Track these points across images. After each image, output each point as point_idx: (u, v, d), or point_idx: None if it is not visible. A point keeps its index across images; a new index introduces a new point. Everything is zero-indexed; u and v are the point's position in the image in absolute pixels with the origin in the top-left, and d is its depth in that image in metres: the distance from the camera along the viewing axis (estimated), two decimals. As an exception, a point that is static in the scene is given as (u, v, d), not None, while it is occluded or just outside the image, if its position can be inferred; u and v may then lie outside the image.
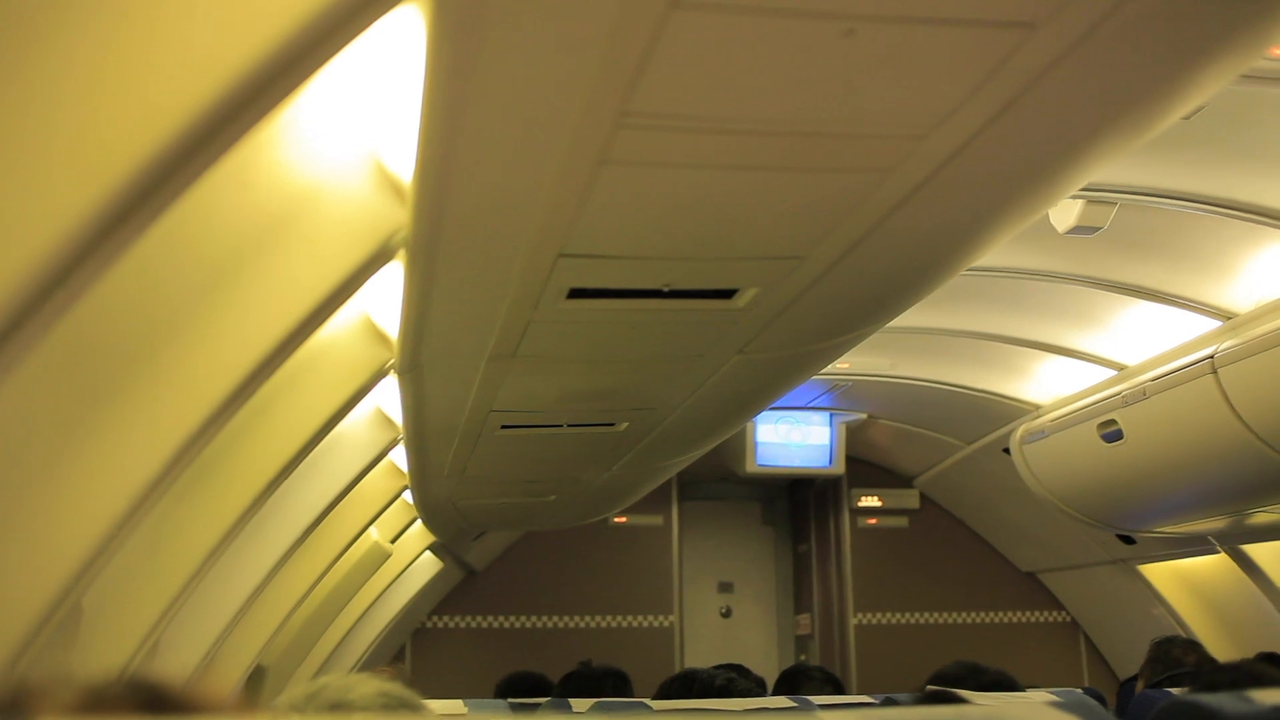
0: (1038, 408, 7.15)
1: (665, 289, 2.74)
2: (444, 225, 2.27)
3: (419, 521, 6.41)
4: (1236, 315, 5.52)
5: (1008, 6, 1.63)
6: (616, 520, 9.30)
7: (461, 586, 9.30)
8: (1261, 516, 6.19)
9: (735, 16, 1.62)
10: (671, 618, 9.70)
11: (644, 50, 1.67)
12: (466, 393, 3.63)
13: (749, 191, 2.23)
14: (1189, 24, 1.74)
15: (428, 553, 7.52)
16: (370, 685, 1.63)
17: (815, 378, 7.34)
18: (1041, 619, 9.73)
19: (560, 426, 4.28)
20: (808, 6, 1.60)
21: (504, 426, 4.18)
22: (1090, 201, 4.59)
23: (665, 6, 1.57)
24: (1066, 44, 1.71)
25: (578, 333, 3.14)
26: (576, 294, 2.75)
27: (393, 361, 3.35)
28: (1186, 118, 3.98)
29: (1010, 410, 7.34)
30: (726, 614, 10.43)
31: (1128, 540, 7.72)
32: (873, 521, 9.80)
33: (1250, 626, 7.26)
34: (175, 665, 3.75)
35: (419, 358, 3.22)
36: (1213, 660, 4.66)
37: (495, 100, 1.80)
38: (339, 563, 5.12)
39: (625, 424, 4.30)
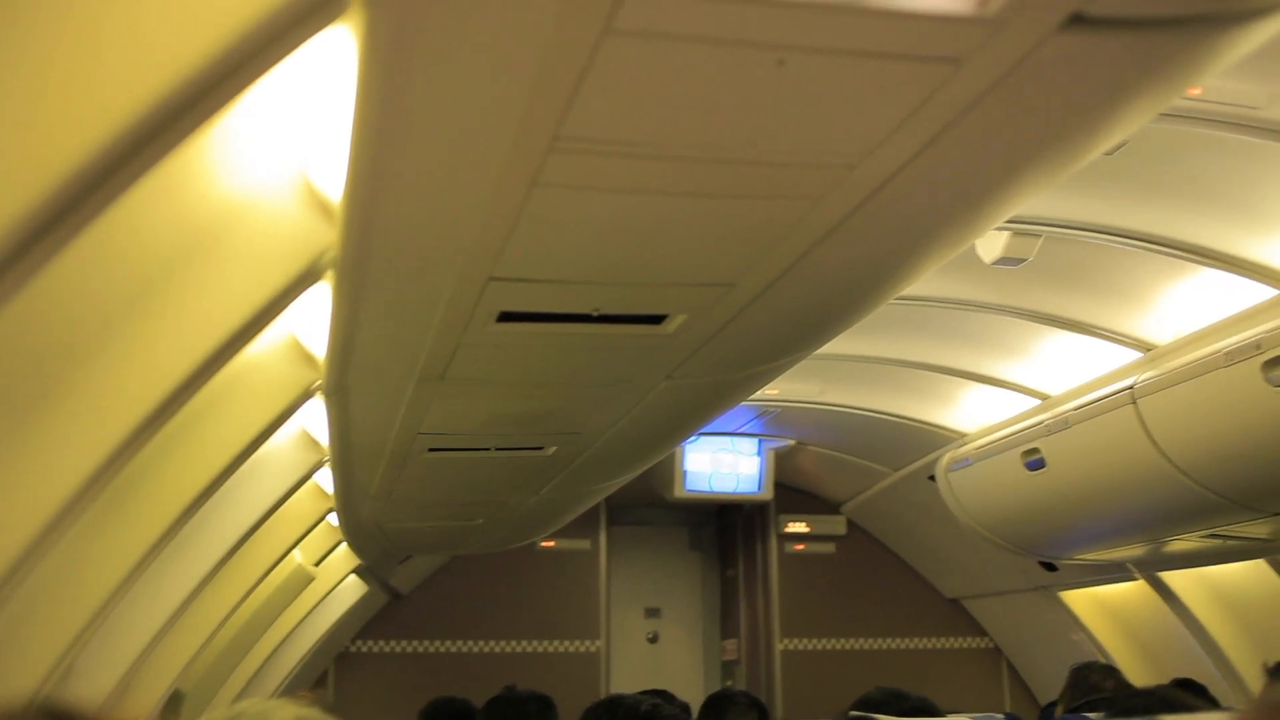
0: (963, 436, 7.24)
1: (595, 314, 2.74)
2: (373, 246, 2.26)
3: (344, 544, 6.34)
4: (1156, 347, 5.64)
5: (934, 42, 1.65)
6: (544, 544, 9.25)
7: (387, 610, 9.20)
8: (1178, 544, 6.31)
9: (668, 44, 1.63)
10: (598, 643, 9.67)
11: (578, 75, 1.68)
12: (394, 415, 3.60)
13: (680, 217, 2.24)
14: (1111, 63, 1.78)
15: (352, 576, 7.43)
16: (288, 711, 1.60)
17: (744, 404, 7.38)
18: (965, 645, 9.83)
19: (488, 450, 4.26)
20: (740, 36, 1.62)
21: (431, 449, 4.15)
22: (1016, 233, 4.67)
23: (599, 32, 1.58)
24: (991, 80, 1.74)
25: (507, 356, 3.13)
26: (506, 317, 2.74)
27: (319, 382, 3.32)
28: (1109, 153, 4.07)
29: (936, 438, 7.43)
30: (653, 639, 10.41)
31: (1049, 567, 7.83)
32: (800, 547, 9.85)
33: (1167, 652, 7.39)
34: (90, 690, 3.67)
35: (346, 379, 3.19)
36: (1129, 686, 4.74)
37: (427, 122, 1.80)
38: (261, 586, 5.05)
39: (553, 448, 4.29)
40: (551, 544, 9.37)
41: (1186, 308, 5.34)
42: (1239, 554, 6.40)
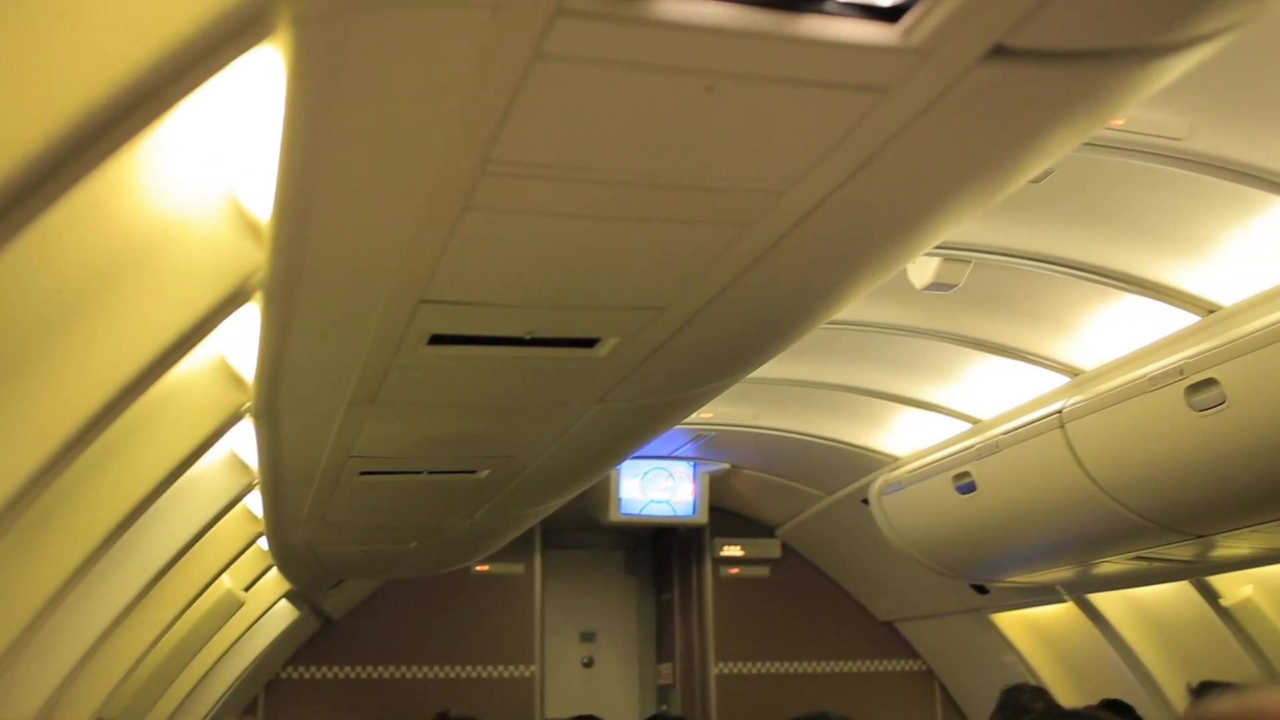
0: (896, 459, 7.30)
1: (527, 337, 2.75)
2: (303, 267, 2.24)
3: (274, 569, 6.26)
4: (1083, 372, 5.74)
5: (861, 71, 1.68)
6: (478, 568, 9.21)
7: (318, 636, 9.09)
8: (1106, 566, 6.40)
9: (598, 69, 1.64)
10: (533, 668, 9.62)
11: (508, 98, 1.69)
12: (325, 438, 3.57)
13: (612, 241, 2.25)
14: (1033, 94, 1.81)
15: (283, 601, 7.34)
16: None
17: (679, 427, 7.40)
18: (898, 668, 9.89)
19: (421, 473, 4.24)
20: (669, 62, 1.63)
21: (363, 472, 4.12)
22: (947, 259, 4.74)
23: (529, 56, 1.59)
24: (917, 109, 1.77)
25: (439, 379, 3.12)
26: (438, 340, 2.73)
27: (249, 404, 3.29)
28: (1036, 181, 4.15)
29: (870, 461, 7.48)
30: (588, 664, 10.37)
31: (981, 590, 7.91)
32: (735, 571, 9.86)
33: (1095, 673, 7.48)
34: (13, 716, 3.59)
35: (276, 401, 3.16)
36: (1058, 706, 4.78)
37: (356, 143, 1.79)
38: (189, 611, 4.97)
39: (487, 471, 4.28)
40: (486, 568, 9.32)
41: (1113, 333, 5.43)
42: (1164, 576, 6.50)
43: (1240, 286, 4.74)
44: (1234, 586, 6.23)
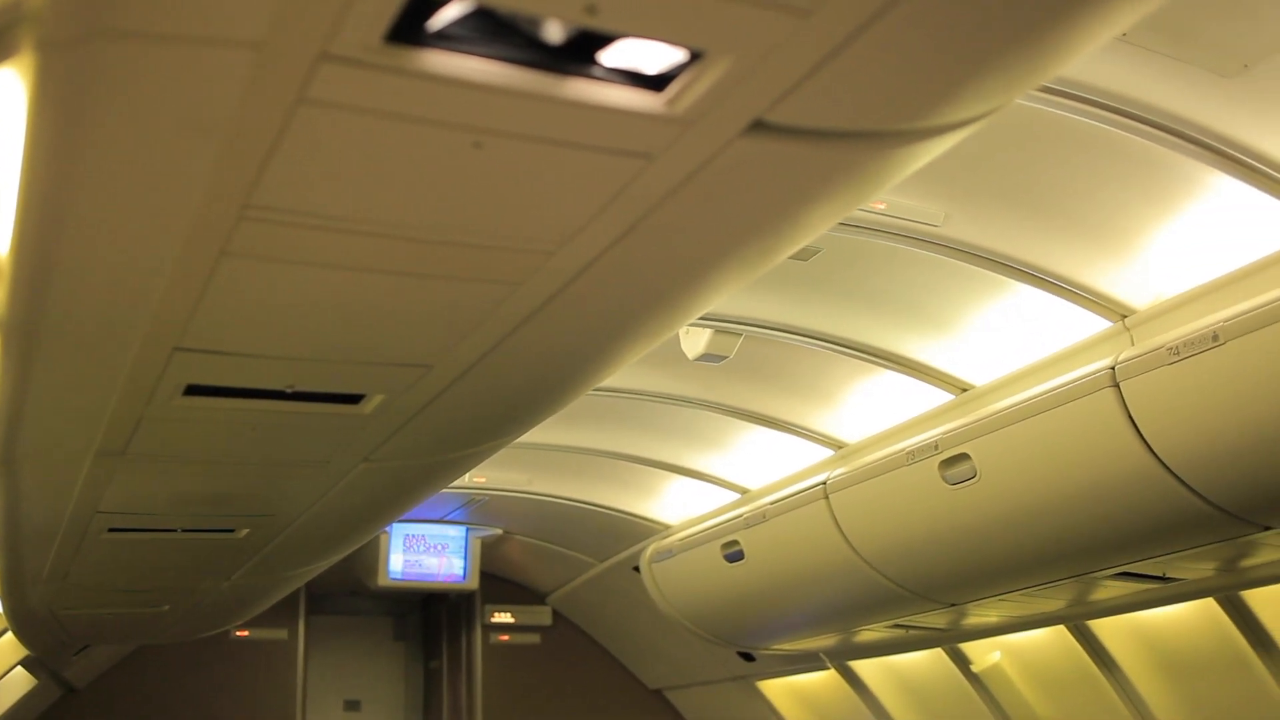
0: (667, 527, 7.38)
1: (289, 390, 2.66)
2: (46, 309, 2.12)
3: (8, 632, 5.86)
4: (847, 445, 5.94)
5: (627, 137, 1.70)
6: (238, 634, 8.85)
7: (59, 706, 8.55)
8: (866, 634, 6.60)
9: (364, 118, 1.62)
10: (293, 738, 9.27)
11: (270, 142, 1.64)
12: (69, 491, 3.38)
13: (377, 295, 2.21)
14: (792, 169, 1.87)
15: (19, 668, 6.88)
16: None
17: (450, 490, 7.32)
18: (667, 736, 9.94)
19: (175, 531, 4.05)
20: (437, 115, 1.62)
21: (112, 529, 3.91)
22: (718, 331, 4.85)
23: (292, 100, 1.55)
24: (681, 176, 1.81)
25: (195, 432, 2.99)
26: (194, 391, 2.62)
27: (-16, 454, 3.09)
28: (804, 259, 4.31)
29: (641, 529, 7.55)
30: (353, 733, 10.08)
31: (748, 658, 8.04)
32: (505, 638, 9.77)
33: (854, 740, 7.67)
34: None
35: (14, 450, 2.97)
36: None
37: (105, 179, 1.71)
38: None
39: (246, 530, 4.12)
40: (246, 633, 8.97)
41: (875, 408, 5.65)
42: (920, 643, 6.75)
43: (989, 367, 5.00)
44: (983, 653, 6.50)
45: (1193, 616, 5.44)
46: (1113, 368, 3.96)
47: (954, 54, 1.63)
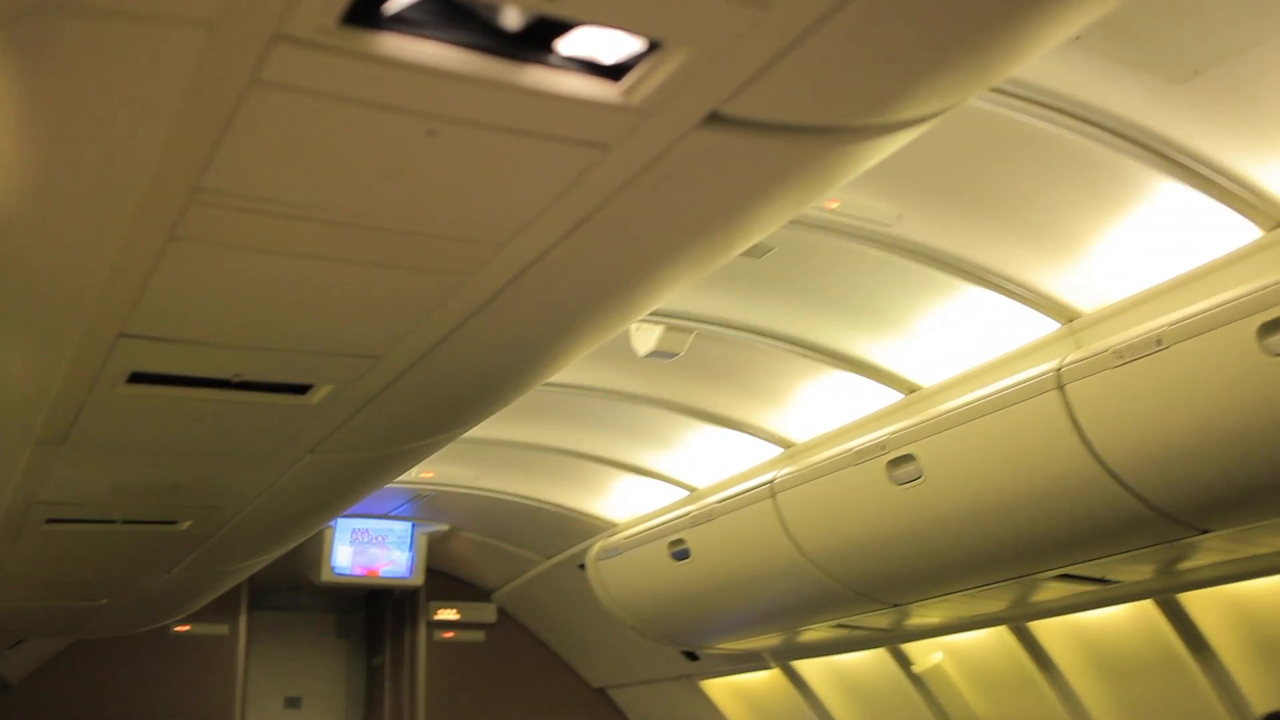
0: (614, 525, 7.36)
1: (235, 379, 2.63)
2: (-14, 291, 2.09)
3: (-58, 625, 5.76)
4: (795, 444, 5.96)
5: (583, 126, 1.70)
6: (177, 628, 8.72)
7: (-8, 702, 8.41)
8: (810, 634, 6.63)
9: (317, 102, 1.60)
10: (233, 735, 9.17)
11: (222, 124, 1.62)
12: (7, 480, 3.32)
13: (327, 283, 2.19)
14: (746, 162, 1.88)
15: (-49, 662, 6.76)
16: None
17: (397, 485, 7.27)
18: (610, 734, 9.94)
19: (115, 522, 3.99)
20: (391, 101, 1.61)
21: (50, 520, 3.85)
22: (669, 328, 4.84)
23: (245, 81, 1.53)
24: (637, 167, 1.80)
25: (139, 421, 2.94)
26: (139, 378, 2.59)
27: (-81, 439, 3.03)
28: (756, 258, 4.31)
29: (588, 527, 7.53)
30: (293, 730, 9.99)
31: (692, 657, 8.04)
32: (449, 635, 9.71)
33: (796, 739, 7.71)
34: None
35: (-49, 437, 2.92)
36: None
37: (52, 159, 1.68)
38: None
39: (188, 522, 4.07)
40: (186, 628, 8.84)
41: (823, 407, 5.67)
42: (863, 643, 6.78)
43: (938, 367, 5.04)
44: (925, 654, 6.55)
45: (1130, 619, 5.51)
46: (1058, 370, 4.00)
47: (910, 50, 1.64)
